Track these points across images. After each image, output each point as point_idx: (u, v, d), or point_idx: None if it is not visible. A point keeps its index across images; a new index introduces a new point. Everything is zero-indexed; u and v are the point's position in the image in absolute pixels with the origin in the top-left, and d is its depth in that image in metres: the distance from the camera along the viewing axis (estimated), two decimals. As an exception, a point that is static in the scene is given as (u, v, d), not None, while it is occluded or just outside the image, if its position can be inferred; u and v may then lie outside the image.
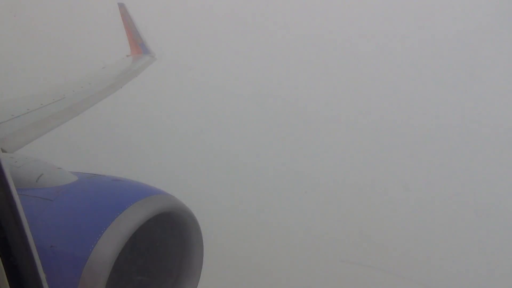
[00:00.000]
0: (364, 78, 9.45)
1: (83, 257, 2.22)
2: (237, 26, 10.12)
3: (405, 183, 9.09)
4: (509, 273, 8.36)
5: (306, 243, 9.10)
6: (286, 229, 9.24)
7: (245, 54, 10.12)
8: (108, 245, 2.25)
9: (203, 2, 10.47)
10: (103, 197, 2.61)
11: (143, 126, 10.32)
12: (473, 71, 8.91)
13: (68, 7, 10.69)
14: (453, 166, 9.09)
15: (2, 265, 1.31)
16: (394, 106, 9.30)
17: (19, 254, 1.37)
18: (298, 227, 9.22)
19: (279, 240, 9.15)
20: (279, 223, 9.30)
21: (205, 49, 10.36)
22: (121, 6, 7.12)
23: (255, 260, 8.87)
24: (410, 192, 8.99)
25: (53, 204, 2.53)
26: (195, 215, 2.82)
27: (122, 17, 7.15)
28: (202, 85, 10.32)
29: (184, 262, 2.92)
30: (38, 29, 10.40)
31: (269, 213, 9.41)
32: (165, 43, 8.74)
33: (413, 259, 8.65)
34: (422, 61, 9.23)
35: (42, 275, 1.43)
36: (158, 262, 2.94)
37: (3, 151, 2.54)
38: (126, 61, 6.54)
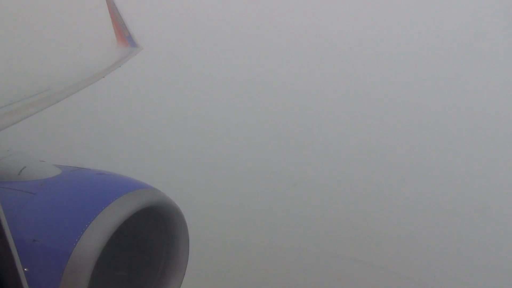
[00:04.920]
0: (358, 75, 9.51)
1: (66, 252, 2.19)
2: (229, 17, 10.05)
3: (401, 177, 9.13)
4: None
5: (296, 237, 9.13)
6: (275, 223, 9.24)
7: (238, 46, 10.06)
8: (92, 240, 2.21)
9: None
10: (87, 191, 2.57)
11: (129, 119, 10.19)
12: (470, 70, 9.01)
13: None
14: (450, 162, 9.15)
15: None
16: (389, 100, 9.35)
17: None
18: (288, 221, 9.23)
19: (268, 234, 9.15)
20: (268, 218, 9.30)
21: (195, 42, 10.27)
22: (108, -2, 7.04)
23: (243, 255, 8.87)
24: (406, 185, 9.04)
25: (35, 198, 2.49)
26: (182, 209, 2.81)
27: (109, 10, 7.07)
28: (191, 77, 10.25)
29: (169, 257, 2.91)
30: (20, 17, 10.11)
31: (257, 207, 9.39)
32: (153, 36, 8.64)
33: (406, 255, 8.72)
34: (422, 60, 9.29)
35: (21, 271, 1.40)
36: (143, 256, 2.92)
37: None
38: (112, 53, 6.48)
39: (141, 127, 10.09)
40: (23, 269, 1.44)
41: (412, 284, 8.48)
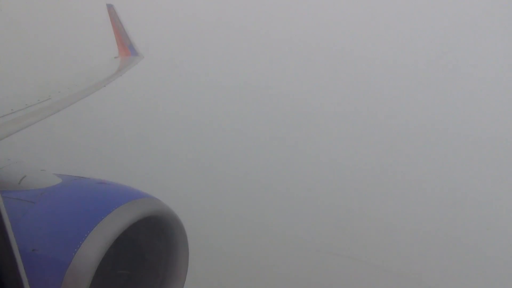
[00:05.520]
0: (353, 76, 9.56)
1: (66, 261, 2.18)
2: (229, 24, 10.13)
3: (384, 173, 9.21)
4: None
5: (283, 234, 9.14)
6: (275, 229, 9.29)
7: (238, 52, 10.15)
8: (92, 249, 2.21)
9: (193, 3, 10.45)
10: (87, 200, 2.57)
11: (129, 128, 10.22)
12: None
13: (55, 7, 10.53)
14: (442, 162, 9.18)
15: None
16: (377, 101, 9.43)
17: (1, 257, 1.35)
18: (277, 220, 9.29)
19: (267, 240, 9.18)
20: (267, 223, 9.34)
21: (196, 49, 10.33)
22: (110, 7, 7.08)
23: (243, 263, 8.89)
24: (388, 182, 9.11)
25: (35, 207, 2.49)
26: (181, 218, 2.81)
27: (111, 19, 7.11)
28: (192, 84, 10.30)
29: (169, 266, 2.91)
30: (23, 26, 10.19)
31: (257, 214, 9.43)
32: (155, 45, 8.70)
33: (390, 249, 8.77)
34: (421, 60, 9.32)
35: (25, 280, 1.40)
36: (143, 265, 2.92)
37: None
38: (114, 63, 6.50)
39: (141, 137, 10.11)
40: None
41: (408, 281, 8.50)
